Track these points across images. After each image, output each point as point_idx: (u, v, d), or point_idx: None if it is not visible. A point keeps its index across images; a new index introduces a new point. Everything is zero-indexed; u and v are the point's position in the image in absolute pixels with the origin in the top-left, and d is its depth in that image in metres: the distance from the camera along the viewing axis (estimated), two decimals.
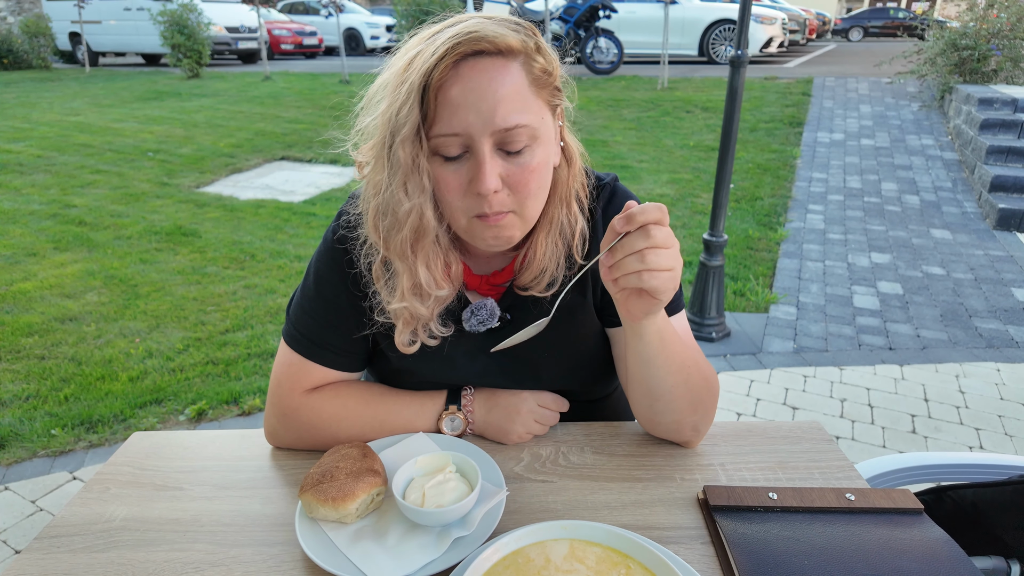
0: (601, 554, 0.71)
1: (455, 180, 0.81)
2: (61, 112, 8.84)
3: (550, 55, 0.83)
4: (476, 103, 0.76)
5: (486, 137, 0.78)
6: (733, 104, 2.89)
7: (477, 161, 0.79)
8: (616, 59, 10.63)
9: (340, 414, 0.96)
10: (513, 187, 0.81)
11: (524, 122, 0.78)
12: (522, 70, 0.79)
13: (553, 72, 0.83)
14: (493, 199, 0.80)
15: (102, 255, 4.16)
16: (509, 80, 0.77)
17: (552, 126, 0.85)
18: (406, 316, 0.89)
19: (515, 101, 0.78)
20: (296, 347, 0.97)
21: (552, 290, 0.93)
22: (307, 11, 18.04)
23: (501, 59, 0.77)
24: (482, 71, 0.76)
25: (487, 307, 0.94)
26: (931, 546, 0.75)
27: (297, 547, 0.78)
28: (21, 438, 2.43)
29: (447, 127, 0.77)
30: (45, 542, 0.80)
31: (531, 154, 0.81)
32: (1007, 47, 6.79)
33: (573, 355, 0.99)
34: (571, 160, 0.90)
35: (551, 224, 0.90)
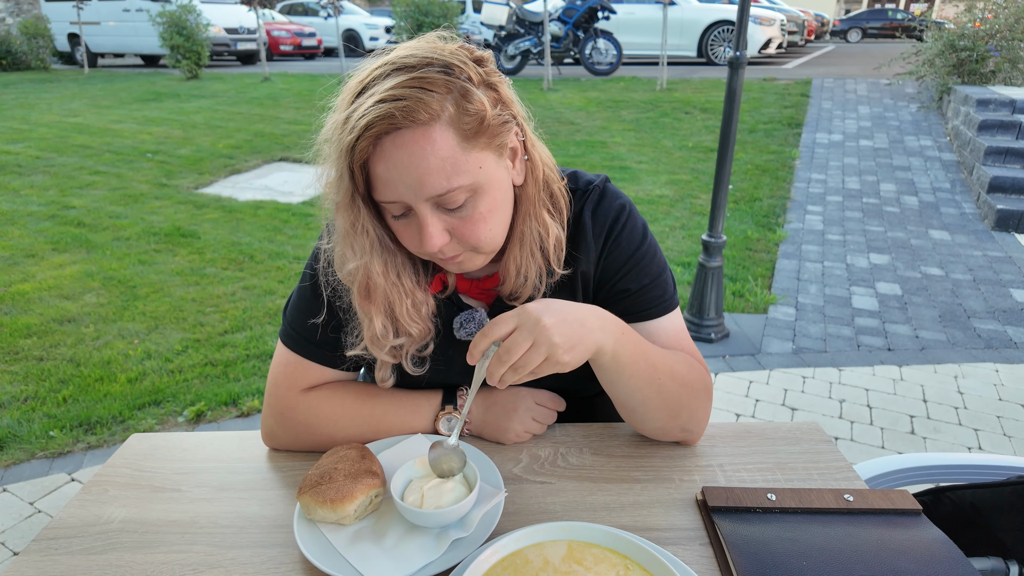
0: (600, 555, 0.71)
1: (407, 232, 0.83)
2: (60, 113, 8.83)
3: (481, 99, 0.78)
4: (403, 177, 0.76)
5: (421, 203, 0.78)
6: (732, 105, 2.90)
7: (420, 222, 0.80)
8: (615, 60, 10.64)
9: (337, 413, 0.96)
10: (460, 237, 0.83)
11: (456, 184, 0.77)
12: (449, 130, 0.76)
13: (486, 116, 0.78)
14: (443, 250, 0.83)
15: (101, 256, 4.15)
16: (432, 150, 0.75)
17: (496, 167, 0.82)
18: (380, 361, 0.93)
19: (443, 168, 0.76)
20: (293, 346, 0.97)
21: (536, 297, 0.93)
22: (306, 12, 18.04)
23: (422, 128, 0.74)
24: (402, 147, 0.75)
25: (476, 319, 0.95)
26: (929, 547, 0.75)
27: (295, 549, 0.78)
28: (19, 440, 2.42)
29: (383, 196, 0.79)
30: (43, 544, 0.80)
31: (473, 206, 0.81)
32: (1005, 48, 6.80)
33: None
34: (534, 170, 0.89)
35: (522, 239, 0.90)
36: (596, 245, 0.95)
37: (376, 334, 0.89)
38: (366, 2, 25.09)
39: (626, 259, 0.95)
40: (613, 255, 0.96)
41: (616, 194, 0.98)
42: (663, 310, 0.97)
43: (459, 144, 0.77)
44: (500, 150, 0.83)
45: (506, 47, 11.02)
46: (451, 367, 0.98)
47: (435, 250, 0.81)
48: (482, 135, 0.79)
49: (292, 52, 16.09)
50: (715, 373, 2.90)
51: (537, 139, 0.91)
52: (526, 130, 0.88)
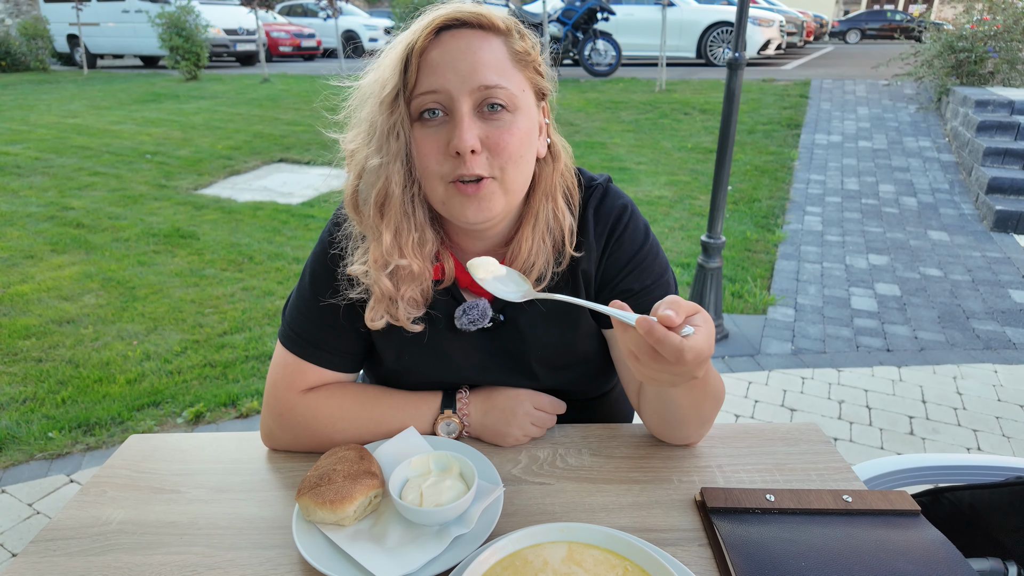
0: (599, 556, 0.71)
1: (434, 142, 0.82)
2: (59, 114, 8.83)
3: (533, 43, 0.87)
4: (454, 63, 0.80)
5: (464, 96, 0.80)
6: (731, 106, 2.90)
7: (456, 120, 0.81)
8: (614, 61, 10.65)
9: (336, 415, 0.96)
10: (492, 149, 0.82)
11: (503, 83, 0.81)
12: (503, 45, 0.83)
13: (533, 55, 0.86)
14: (471, 160, 0.81)
15: (100, 257, 4.15)
16: (488, 48, 0.82)
17: (534, 106, 0.87)
18: (377, 292, 0.90)
19: (494, 66, 0.81)
20: (292, 347, 0.97)
21: (542, 285, 0.93)
22: (305, 13, 18.04)
23: (481, 32, 0.82)
24: (462, 38, 0.81)
25: (479, 307, 0.94)
26: (928, 548, 0.76)
27: (294, 550, 0.78)
28: (18, 441, 2.42)
29: (426, 85, 0.81)
30: (41, 545, 0.80)
31: (511, 119, 0.83)
32: (1003, 49, 6.81)
33: (569, 354, 0.99)
34: (556, 156, 0.92)
35: (535, 217, 0.92)
36: (598, 244, 0.96)
37: (384, 250, 0.87)
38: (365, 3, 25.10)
39: (628, 259, 0.96)
40: (616, 255, 0.96)
41: (619, 194, 0.99)
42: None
43: (510, 60, 0.84)
44: (538, 97, 0.89)
45: None
46: (448, 359, 0.98)
47: (466, 147, 0.79)
48: (528, 67, 0.86)
49: (291, 53, 16.09)
50: None
51: (559, 135, 0.95)
52: (551, 117, 0.93)
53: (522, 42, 0.85)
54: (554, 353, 0.98)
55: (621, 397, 1.15)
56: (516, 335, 0.97)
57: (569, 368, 1.00)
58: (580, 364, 1.00)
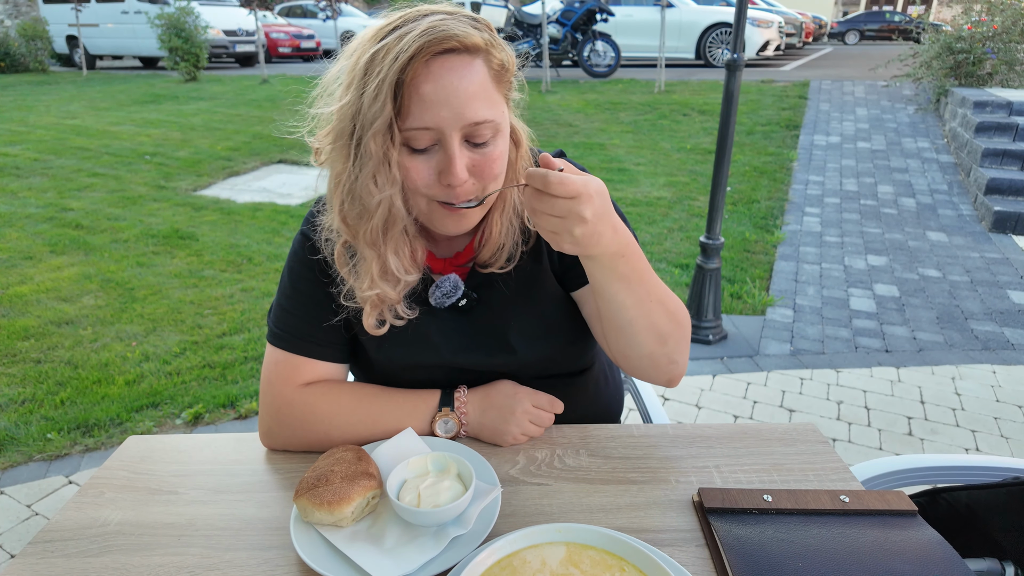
0: (596, 557, 0.71)
1: (424, 170, 0.84)
2: (58, 115, 8.83)
3: (506, 50, 0.87)
4: (448, 99, 0.79)
5: (456, 131, 0.81)
6: (729, 107, 2.90)
7: (447, 154, 0.82)
8: (613, 62, 10.66)
9: (333, 411, 0.97)
10: (478, 175, 0.85)
11: (490, 117, 0.82)
12: (484, 66, 0.82)
13: (509, 67, 0.87)
14: (460, 190, 0.84)
15: (99, 258, 4.15)
16: (476, 77, 0.81)
17: (508, 117, 0.89)
18: (374, 299, 0.92)
19: (482, 97, 0.82)
20: (280, 344, 0.99)
21: (512, 264, 0.97)
22: (304, 14, 18.04)
23: (468, 56, 0.81)
24: (452, 69, 0.79)
25: (450, 281, 0.97)
26: (925, 548, 0.76)
27: (292, 551, 0.78)
28: (17, 442, 2.42)
29: (419, 121, 0.80)
30: (39, 547, 0.80)
31: (494, 145, 0.85)
32: (1002, 50, 6.83)
33: (540, 321, 1.01)
34: (519, 143, 0.94)
35: (504, 203, 0.96)
36: None
37: (390, 267, 0.89)
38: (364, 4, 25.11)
39: None
40: None
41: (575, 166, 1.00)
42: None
43: (491, 82, 0.84)
44: (509, 105, 0.90)
45: None
46: (427, 342, 0.99)
47: (460, 183, 0.82)
48: (504, 81, 0.87)
49: (291, 54, 16.08)
50: (713, 375, 2.90)
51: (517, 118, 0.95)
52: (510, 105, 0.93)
53: (499, 55, 0.84)
54: (527, 324, 1.00)
55: (602, 376, 1.15)
56: (490, 311, 0.99)
57: (545, 338, 1.02)
58: (554, 333, 1.02)
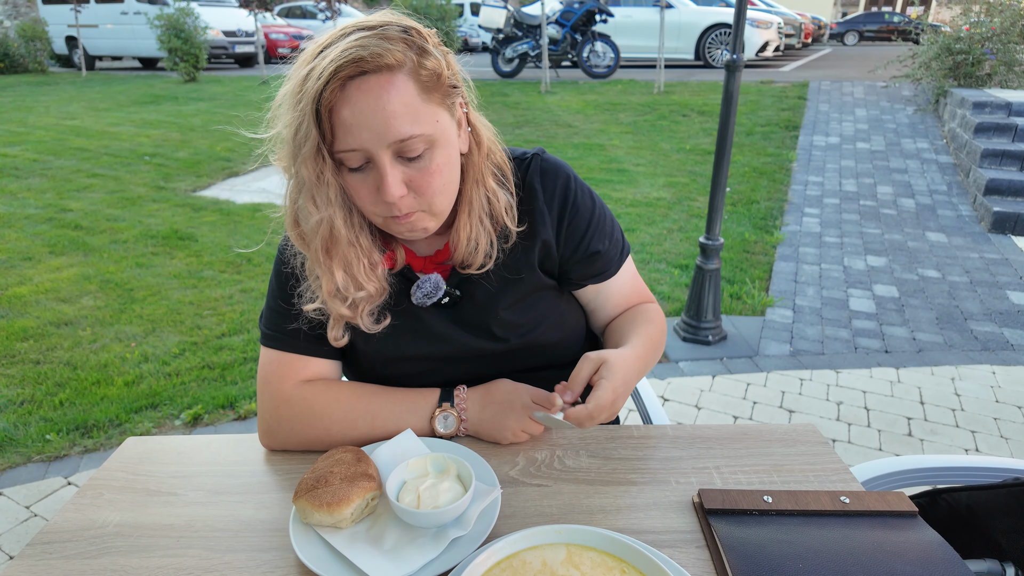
0: (597, 559, 0.71)
1: (363, 188, 0.85)
2: (57, 116, 8.82)
3: (437, 58, 0.84)
4: (367, 122, 0.79)
5: (383, 150, 0.81)
6: (729, 108, 2.90)
7: (379, 172, 0.83)
8: (612, 63, 10.67)
9: (332, 406, 0.97)
10: (417, 190, 0.86)
11: (417, 132, 0.81)
12: (409, 80, 0.81)
13: (442, 74, 0.84)
14: (400, 203, 0.85)
15: (98, 259, 4.15)
16: (396, 95, 0.79)
17: (449, 125, 0.87)
18: (334, 314, 0.94)
19: (405, 115, 0.80)
20: (273, 344, 1.00)
21: (490, 262, 0.97)
22: (304, 15, 18.06)
23: (386, 74, 0.79)
24: (367, 91, 0.79)
25: (431, 280, 0.98)
26: (926, 549, 0.76)
27: (291, 553, 0.78)
28: (15, 443, 2.41)
29: (344, 144, 0.81)
30: (38, 548, 0.79)
31: (430, 158, 0.85)
32: (1000, 51, 6.83)
33: (526, 313, 1.02)
34: (479, 143, 0.94)
35: (470, 205, 0.95)
36: (550, 212, 1.00)
37: (337, 287, 0.91)
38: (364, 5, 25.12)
39: (587, 223, 1.02)
40: (575, 221, 1.01)
41: (558, 163, 1.03)
42: (622, 260, 1.08)
43: (419, 95, 0.82)
44: (451, 110, 0.88)
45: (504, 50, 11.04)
46: (410, 334, 1.00)
47: (394, 199, 0.83)
48: (438, 90, 0.84)
49: (290, 55, 16.05)
50: (712, 375, 2.90)
51: (479, 113, 0.96)
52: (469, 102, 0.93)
53: (427, 63, 0.82)
54: (510, 312, 1.01)
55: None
56: (475, 306, 1.00)
57: (532, 328, 1.03)
58: (538, 320, 1.03)
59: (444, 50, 0.88)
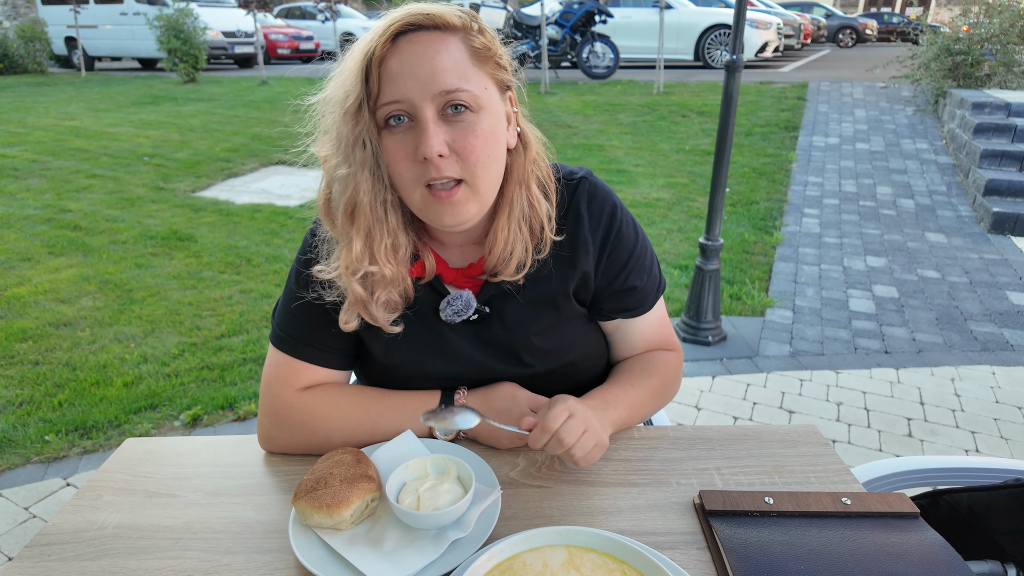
0: (598, 560, 0.71)
1: (402, 149, 0.83)
2: (56, 117, 8.82)
3: (491, 36, 0.86)
4: (414, 70, 0.80)
5: (427, 102, 0.81)
6: (728, 108, 2.90)
7: (421, 127, 0.81)
8: (612, 64, 10.67)
9: (332, 414, 0.96)
10: (459, 152, 0.83)
11: (464, 87, 0.81)
12: (461, 44, 0.83)
13: (493, 49, 0.86)
14: (440, 163, 0.82)
15: (97, 260, 4.14)
16: (446, 51, 0.81)
17: (498, 101, 0.87)
18: (351, 296, 0.91)
19: (454, 69, 0.81)
20: (283, 347, 0.98)
21: (521, 273, 0.94)
22: (303, 16, 18.05)
23: (438, 33, 0.82)
24: (417, 43, 0.81)
25: (463, 298, 0.95)
26: (927, 550, 0.75)
27: (291, 554, 0.77)
28: (14, 444, 2.41)
29: (388, 95, 0.81)
30: (36, 550, 0.79)
31: (475, 121, 0.83)
32: (1000, 52, 6.84)
33: (556, 338, 1.00)
34: (527, 145, 0.92)
35: (510, 207, 0.92)
36: (594, 241, 0.97)
37: (354, 256, 0.88)
38: (363, 6, 25.12)
39: (628, 256, 0.99)
40: (616, 253, 0.98)
41: (606, 189, 1.00)
42: (656, 298, 1.06)
43: (469, 59, 0.83)
44: (502, 90, 0.88)
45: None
46: (436, 353, 0.98)
47: (432, 153, 0.80)
48: (489, 62, 0.85)
49: (289, 56, 16.08)
50: (712, 376, 2.90)
51: (529, 124, 0.94)
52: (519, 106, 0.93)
53: (481, 37, 0.85)
54: (541, 339, 0.98)
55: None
56: (502, 326, 0.97)
57: (558, 353, 1.00)
58: (567, 348, 1.01)
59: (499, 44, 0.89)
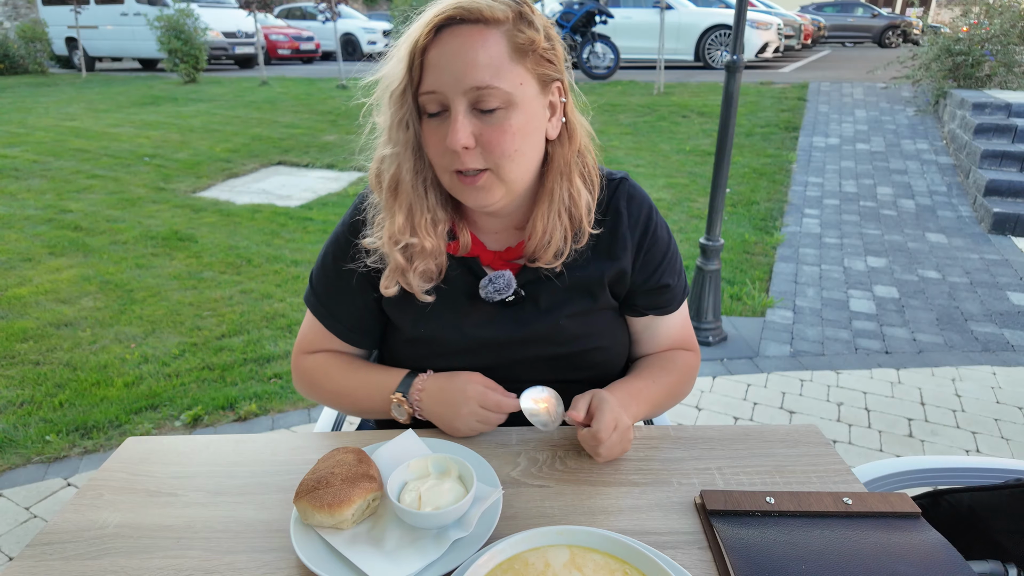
0: (600, 560, 0.71)
1: (435, 136, 0.88)
2: (57, 117, 8.82)
3: (540, 28, 0.87)
4: (450, 64, 0.84)
5: (459, 96, 0.84)
6: (729, 109, 2.90)
7: (451, 119, 0.86)
8: (612, 64, 10.67)
9: (323, 381, 1.07)
10: (485, 146, 0.87)
11: (496, 85, 0.84)
12: (502, 38, 0.85)
13: (537, 42, 0.87)
14: (464, 155, 0.87)
15: (98, 260, 4.14)
16: (483, 47, 0.83)
17: (535, 96, 0.89)
18: (392, 264, 0.96)
19: (488, 66, 0.84)
20: (312, 310, 1.08)
21: (559, 261, 0.97)
22: (304, 16, 18.05)
23: (480, 27, 0.84)
24: (457, 36, 0.84)
25: (505, 277, 0.98)
26: (928, 550, 0.75)
27: (292, 554, 0.77)
28: (15, 444, 2.41)
29: (427, 85, 0.86)
30: (37, 549, 0.79)
31: (505, 116, 0.86)
32: (1000, 52, 6.84)
33: (585, 325, 1.02)
34: (572, 135, 0.94)
35: (551, 197, 0.95)
36: (632, 238, 1.01)
37: (396, 228, 0.94)
38: (364, 6, 25.14)
39: (663, 255, 1.04)
40: (651, 253, 1.03)
41: (643, 192, 1.06)
42: (683, 299, 1.10)
43: (508, 54, 0.85)
44: (543, 85, 0.90)
45: None
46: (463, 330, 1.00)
47: (457, 146, 0.85)
48: (529, 57, 0.87)
49: (290, 56, 16.09)
50: (712, 376, 2.90)
51: (582, 116, 0.97)
52: (569, 97, 0.95)
53: (527, 31, 0.86)
54: (571, 322, 1.00)
55: None
56: (536, 308, 1.00)
57: (587, 338, 1.02)
58: (596, 334, 1.03)
59: (552, 35, 0.91)
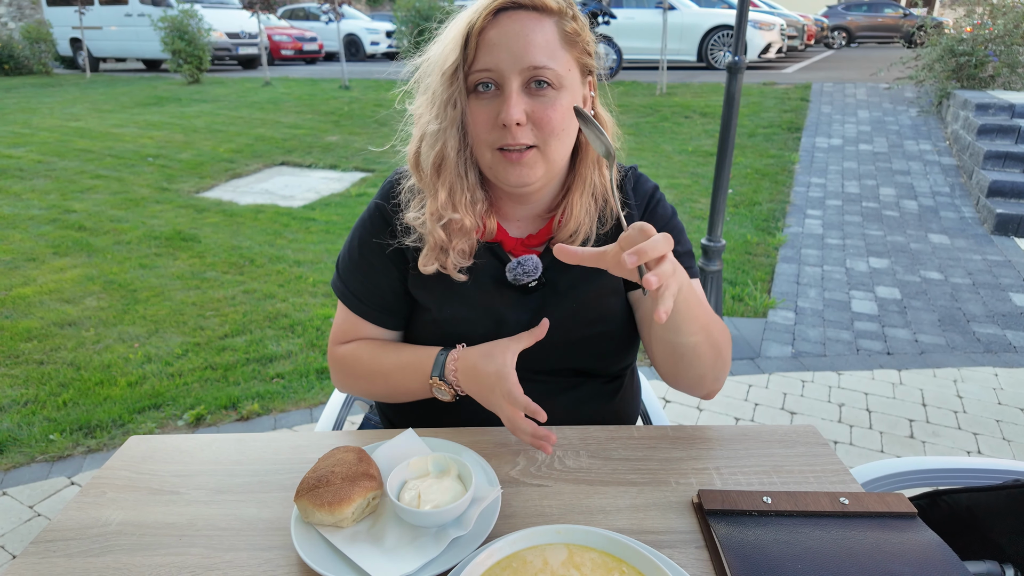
0: (597, 559, 0.71)
1: (485, 114, 0.92)
2: (61, 117, 8.85)
3: (583, 24, 0.95)
4: (509, 44, 0.89)
5: (515, 75, 0.89)
6: (731, 109, 2.90)
7: (505, 96, 0.90)
8: (615, 65, 10.67)
9: (356, 369, 1.09)
10: (536, 123, 0.91)
11: (551, 66, 0.90)
12: (555, 27, 0.91)
13: (583, 35, 0.94)
14: (516, 131, 0.91)
15: (101, 260, 4.16)
16: (540, 31, 0.90)
17: (579, 83, 0.96)
18: (431, 241, 1.00)
19: (545, 48, 0.90)
20: (341, 299, 1.10)
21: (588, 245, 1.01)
22: (307, 17, 18.09)
23: (536, 13, 0.90)
24: (516, 20, 0.90)
25: (532, 262, 1.02)
26: (925, 550, 0.76)
27: (293, 551, 0.78)
28: (19, 443, 2.42)
29: (482, 63, 0.90)
30: (41, 547, 0.80)
31: (555, 95, 0.91)
32: (1004, 53, 6.82)
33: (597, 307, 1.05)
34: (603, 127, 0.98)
35: (584, 184, 1.01)
36: (637, 216, 1.07)
37: (439, 204, 0.97)
38: (367, 7, 25.17)
39: (664, 224, 1.08)
40: (653, 220, 1.08)
41: (648, 179, 1.12)
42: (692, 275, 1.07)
43: (560, 41, 0.92)
44: (584, 74, 0.97)
45: None
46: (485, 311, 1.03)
47: (511, 121, 0.89)
48: (576, 46, 0.94)
49: (293, 57, 16.12)
50: None
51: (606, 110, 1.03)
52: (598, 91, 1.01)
53: (573, 23, 0.93)
54: (588, 306, 1.04)
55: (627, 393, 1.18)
56: (555, 292, 1.04)
57: (601, 321, 1.05)
58: (609, 318, 1.06)
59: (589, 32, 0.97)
